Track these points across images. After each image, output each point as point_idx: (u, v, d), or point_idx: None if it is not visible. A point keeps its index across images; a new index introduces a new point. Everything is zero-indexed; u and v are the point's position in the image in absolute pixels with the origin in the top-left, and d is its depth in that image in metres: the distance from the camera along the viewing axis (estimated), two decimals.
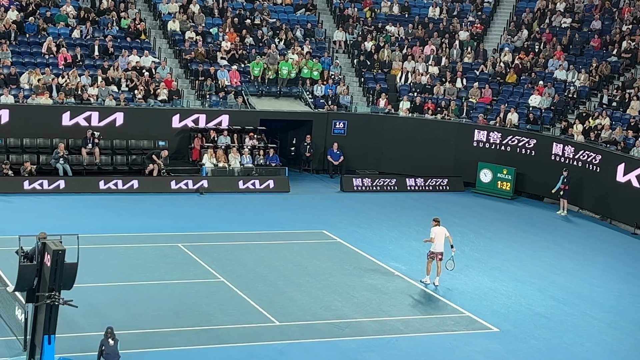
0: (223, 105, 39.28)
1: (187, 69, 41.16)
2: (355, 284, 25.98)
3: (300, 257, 28.27)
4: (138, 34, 41.60)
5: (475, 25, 46.45)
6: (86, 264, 19.40)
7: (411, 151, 40.41)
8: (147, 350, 20.39)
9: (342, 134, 40.55)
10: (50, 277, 17.66)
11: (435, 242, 26.18)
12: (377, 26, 46.07)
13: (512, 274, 28.14)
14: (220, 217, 32.62)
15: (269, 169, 38.06)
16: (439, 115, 40.97)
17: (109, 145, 36.84)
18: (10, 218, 30.05)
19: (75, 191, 34.20)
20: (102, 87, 37.82)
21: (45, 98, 36.64)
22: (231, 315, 22.94)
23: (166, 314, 22.60)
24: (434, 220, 26.61)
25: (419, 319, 23.72)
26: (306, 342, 21.62)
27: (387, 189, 38.61)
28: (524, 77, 42.56)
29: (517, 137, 38.72)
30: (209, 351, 20.68)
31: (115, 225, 30.27)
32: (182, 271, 26.09)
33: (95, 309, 22.20)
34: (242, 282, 25.36)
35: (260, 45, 43.04)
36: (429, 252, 26.35)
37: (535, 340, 22.87)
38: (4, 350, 19.68)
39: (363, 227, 32.35)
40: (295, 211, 34.12)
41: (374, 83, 43.02)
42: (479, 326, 23.51)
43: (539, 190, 38.59)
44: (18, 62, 38.27)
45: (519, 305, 25.38)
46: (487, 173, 38.88)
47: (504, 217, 35.54)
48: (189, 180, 35.93)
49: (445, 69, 43.54)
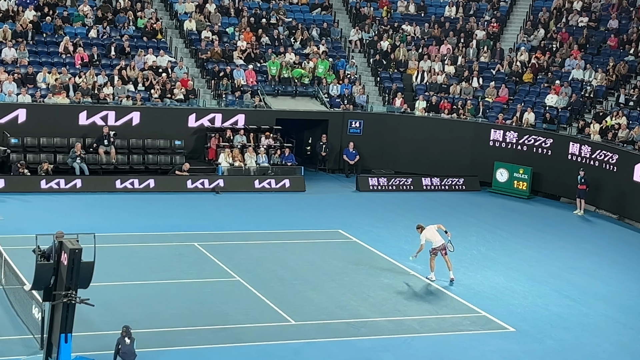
0: (239, 104, 39.33)
1: (203, 68, 41.23)
2: (371, 284, 25.96)
3: (316, 256, 28.26)
4: (154, 33, 41.70)
5: (491, 25, 46.34)
6: (103, 263, 19.44)
7: (427, 151, 40.35)
8: (164, 349, 20.42)
9: (358, 134, 40.53)
10: (67, 275, 17.71)
11: (432, 240, 26.27)
12: (393, 25, 46.03)
13: (529, 274, 28.06)
14: (236, 216, 32.66)
15: (285, 168, 38.08)
16: (455, 114, 40.90)
17: (125, 144, 36.95)
18: (27, 217, 30.16)
19: (92, 190, 34.31)
20: (118, 87, 37.93)
21: (62, 97, 36.77)
22: (247, 314, 22.96)
23: (182, 313, 22.64)
24: (417, 228, 26.63)
25: (434, 319, 23.68)
26: (322, 341, 21.61)
27: (403, 189, 38.57)
28: (540, 76, 42.44)
29: (533, 136, 38.61)
30: (225, 350, 20.70)
31: (131, 224, 30.34)
32: (198, 270, 26.14)
33: (112, 307, 22.26)
34: (258, 281, 25.37)
35: (276, 44, 43.07)
36: (431, 249, 26.38)
37: (551, 340, 22.79)
38: (21, 349, 19.76)
39: (379, 226, 32.33)
40: (311, 210, 34.12)
41: (390, 82, 42.99)
42: (495, 326, 23.45)
43: (555, 190, 38.48)
44: (35, 61, 38.43)
45: (535, 305, 25.30)
46: (503, 173, 38.79)
47: (521, 216, 35.44)
48: (205, 179, 35.99)
49: (461, 68, 43.46)
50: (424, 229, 26.54)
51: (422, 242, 26.34)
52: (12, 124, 35.64)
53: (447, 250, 26.41)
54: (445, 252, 26.37)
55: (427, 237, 26.36)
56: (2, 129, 35.42)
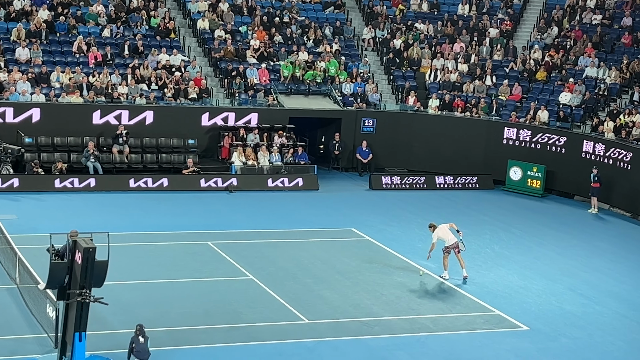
0: (252, 103, 39.37)
1: (217, 67, 41.27)
2: (384, 282, 25.95)
3: (329, 255, 28.27)
4: (168, 32, 41.77)
5: (505, 23, 46.24)
6: (116, 262, 19.49)
7: (440, 149, 40.30)
8: (177, 347, 20.46)
9: (371, 132, 40.51)
10: (81, 274, 17.75)
11: (444, 238, 26.26)
12: (406, 24, 45.98)
13: (543, 272, 28.00)
14: (249, 215, 32.68)
15: (298, 167, 38.09)
16: (469, 113, 40.83)
17: (139, 143, 37.02)
18: (41, 216, 30.26)
19: (106, 189, 34.41)
20: (132, 86, 38.02)
21: (75, 97, 36.87)
22: (260, 313, 22.98)
23: (196, 312, 22.67)
24: (430, 227, 26.62)
25: (448, 317, 23.65)
26: (335, 340, 21.61)
27: (416, 187, 38.54)
28: (554, 74, 42.33)
29: (547, 134, 38.52)
30: (239, 349, 20.72)
31: (145, 223, 30.41)
32: (212, 269, 26.17)
33: (126, 306, 22.31)
34: (272, 279, 25.39)
35: (289, 43, 43.08)
36: (444, 248, 26.37)
37: (565, 338, 22.74)
38: (35, 347, 19.83)
39: (392, 225, 32.31)
40: (324, 209, 34.12)
41: (403, 81, 42.95)
42: (508, 324, 23.41)
43: (569, 188, 38.38)
44: (49, 61, 38.55)
45: (549, 303, 25.24)
46: (517, 171, 38.72)
47: (534, 215, 35.36)
48: (218, 178, 36.03)
49: (474, 66, 43.38)
50: (436, 227, 26.52)
51: (434, 240, 26.32)
52: (26, 124, 35.76)
53: (459, 249, 26.38)
54: (458, 251, 26.36)
55: (439, 235, 26.34)
56: (16, 129, 35.53)
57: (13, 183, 33.41)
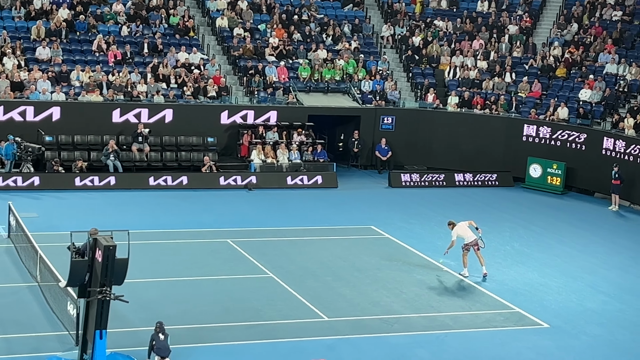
0: (271, 101, 39.40)
1: (236, 65, 41.33)
2: (404, 280, 25.92)
3: (348, 252, 28.26)
4: (187, 31, 41.86)
5: (524, 19, 46.10)
6: (136, 260, 19.55)
7: (460, 146, 40.23)
8: (197, 345, 20.50)
9: (390, 130, 40.49)
10: (102, 272, 17.82)
11: (464, 236, 26.21)
12: (426, 21, 45.91)
13: (563, 270, 27.90)
14: (268, 212, 32.72)
15: (317, 164, 38.10)
16: (488, 110, 40.73)
17: (158, 141, 37.12)
18: (62, 214, 30.40)
19: (126, 187, 34.52)
20: (151, 84, 38.12)
21: (95, 95, 37.00)
22: (280, 310, 23.00)
23: (216, 309, 22.72)
24: (449, 224, 26.56)
25: (468, 315, 23.60)
26: (355, 337, 21.60)
27: (435, 185, 38.48)
28: (574, 71, 42.17)
29: (567, 131, 38.38)
30: (258, 346, 20.74)
31: (165, 221, 30.49)
32: (231, 267, 26.22)
33: (146, 304, 22.38)
34: (291, 277, 25.41)
35: (308, 41, 43.09)
36: (464, 245, 26.31)
37: (586, 336, 22.65)
38: (56, 345, 19.92)
39: (411, 222, 32.28)
40: (344, 207, 34.12)
41: (422, 78, 42.88)
42: (529, 322, 23.34)
43: (589, 185, 38.22)
44: (69, 59, 38.71)
45: (569, 301, 25.16)
46: (536, 168, 38.60)
47: (554, 212, 35.24)
48: (237, 176, 36.09)
49: (494, 63, 43.27)
50: (455, 225, 26.47)
51: (453, 238, 26.28)
52: (46, 122, 35.92)
53: (479, 246, 26.32)
54: (477, 248, 26.30)
55: (458, 233, 26.29)
56: (37, 127, 35.70)
57: (34, 181, 33.58)
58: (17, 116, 35.67)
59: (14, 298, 22.62)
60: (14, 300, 22.45)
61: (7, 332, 20.48)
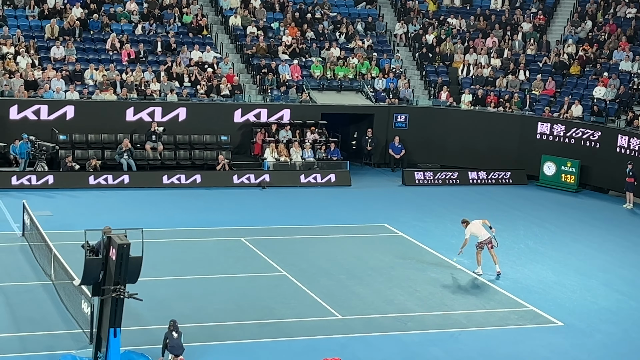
0: (284, 99, 39.42)
1: (249, 63, 41.36)
2: (417, 278, 25.90)
3: (362, 250, 28.25)
4: (200, 29, 41.91)
5: (538, 17, 45.98)
6: (150, 258, 19.58)
7: (473, 144, 40.17)
8: (211, 343, 20.52)
9: (404, 128, 40.45)
10: (116, 270, 17.85)
11: (477, 234, 26.16)
12: (439, 19, 45.84)
13: (577, 268, 27.82)
14: (282, 211, 32.73)
15: (331, 163, 38.09)
16: (502, 108, 40.65)
17: (172, 140, 37.18)
18: (76, 213, 30.49)
19: (139, 186, 34.59)
20: (164, 83, 38.18)
21: (109, 94, 37.08)
22: (294, 308, 23.00)
23: (229, 308, 22.74)
24: (462, 223, 26.51)
25: (482, 313, 23.56)
26: (369, 335, 21.58)
27: (449, 183, 38.43)
28: (588, 68, 42.04)
29: (581, 129, 38.27)
30: (272, 344, 20.75)
31: (178, 220, 30.54)
32: (245, 265, 26.24)
33: (160, 302, 22.41)
34: (305, 275, 25.41)
35: (321, 39, 43.09)
36: (477, 243, 26.26)
37: (600, 334, 22.58)
38: (71, 343, 19.97)
39: (425, 220, 32.24)
40: (357, 205, 34.10)
41: (435, 76, 42.83)
42: (543, 320, 23.28)
43: (603, 183, 38.11)
44: (83, 58, 38.82)
45: (584, 299, 25.08)
46: (550, 166, 38.50)
47: (568, 210, 35.15)
48: (251, 174, 36.12)
49: (507, 61, 43.18)
50: (469, 223, 26.42)
51: (467, 236, 26.24)
52: (60, 121, 36.02)
53: (492, 244, 26.27)
54: (491, 246, 26.24)
55: (472, 231, 26.24)
56: (50, 126, 35.80)
57: (48, 180, 33.68)
58: (31, 115, 35.79)
59: (28, 296, 22.69)
60: (28, 299, 22.53)
61: (21, 331, 20.56)
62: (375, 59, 42.56)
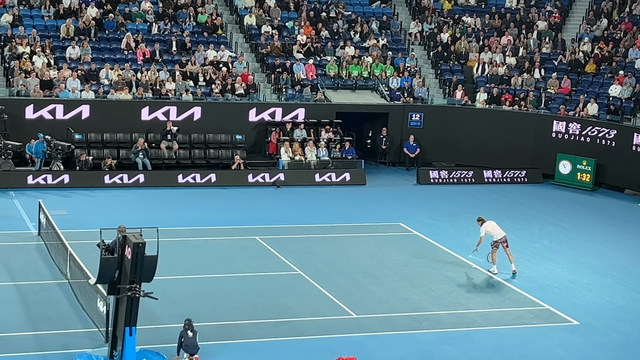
0: (299, 98, 39.43)
1: (263, 63, 41.38)
2: (432, 277, 25.87)
3: (377, 249, 28.23)
4: (215, 28, 41.96)
5: (553, 15, 45.85)
6: (166, 257, 19.63)
7: (488, 143, 40.08)
8: (226, 342, 20.55)
9: (419, 127, 40.40)
10: (131, 269, 17.89)
11: (492, 233, 26.10)
12: (454, 17, 45.77)
13: (593, 267, 27.73)
14: (296, 210, 32.75)
15: (345, 161, 38.09)
16: (517, 106, 40.56)
17: (187, 139, 37.25)
18: (91, 212, 30.57)
19: (155, 185, 34.67)
20: (179, 82, 38.24)
21: (124, 93, 37.18)
22: (308, 307, 23.01)
23: (244, 306, 22.76)
24: (478, 221, 26.42)
25: (497, 312, 23.51)
26: (384, 334, 21.57)
27: (464, 182, 38.37)
28: (603, 66, 41.89)
29: (596, 127, 38.14)
30: (287, 343, 20.76)
31: (193, 219, 30.59)
32: (260, 264, 26.26)
33: (175, 301, 22.46)
34: (319, 274, 25.41)
35: (336, 38, 43.08)
36: (493, 242, 26.18)
37: (616, 333, 22.50)
38: (86, 342, 20.03)
39: (440, 219, 32.20)
40: (372, 204, 34.09)
41: (450, 75, 42.76)
42: (558, 319, 23.22)
43: (619, 182, 37.97)
44: (98, 58, 38.92)
45: (599, 298, 25.00)
46: (566, 164, 38.39)
47: (584, 209, 35.04)
48: (265, 173, 36.14)
49: (522, 59, 43.07)
50: (484, 221, 26.37)
51: (482, 234, 26.20)
52: (76, 120, 36.14)
53: (508, 243, 26.20)
54: (506, 245, 26.19)
55: (487, 229, 26.19)
56: (66, 125, 35.92)
57: (63, 179, 33.79)
58: (47, 114, 35.91)
59: (44, 295, 22.78)
60: (44, 298, 22.61)
61: (37, 329, 20.64)
62: (390, 57, 42.51)
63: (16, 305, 22.01)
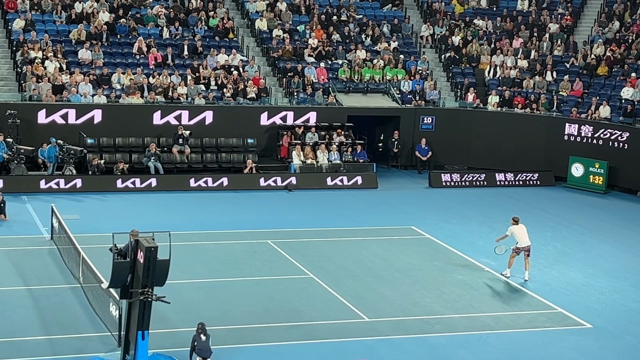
0: (310, 102, 39.44)
1: (275, 66, 41.41)
2: (445, 280, 25.83)
3: (389, 253, 28.21)
4: (226, 32, 42.02)
5: (565, 18, 45.77)
6: (178, 261, 19.64)
7: (500, 146, 40.02)
8: (238, 345, 20.56)
9: (430, 130, 40.37)
10: (143, 273, 17.91)
11: (519, 238, 25.94)
12: (465, 20, 45.72)
13: (606, 269, 27.65)
14: (308, 213, 32.75)
15: (357, 165, 38.07)
16: (529, 109, 40.49)
17: (198, 143, 37.30)
18: (103, 216, 30.63)
19: (167, 189, 34.72)
20: (191, 86, 38.30)
21: (136, 98, 37.26)
22: (321, 311, 23.00)
23: (256, 310, 22.76)
24: (513, 220, 26.30)
25: (510, 315, 23.46)
26: (396, 338, 21.55)
27: (476, 184, 38.30)
28: (615, 69, 41.79)
29: (609, 130, 38.04)
30: (299, 347, 20.76)
31: (205, 222, 30.62)
32: (272, 267, 26.26)
33: (187, 305, 22.48)
34: (331, 278, 25.40)
35: (347, 41, 43.08)
36: (515, 247, 26.07)
37: (630, 336, 22.42)
38: (99, 346, 20.06)
39: (452, 222, 32.15)
40: (384, 207, 34.06)
41: (462, 77, 42.71)
42: (571, 322, 23.15)
43: (632, 184, 37.86)
44: (110, 62, 39.00)
45: (612, 301, 24.92)
46: (578, 167, 38.29)
47: (597, 211, 34.95)
48: (277, 177, 36.16)
49: (534, 62, 43.00)
50: (517, 224, 26.07)
51: (508, 233, 26.01)
52: (88, 125, 36.23)
53: (529, 253, 26.01)
54: (528, 255, 25.98)
55: (514, 232, 25.97)
56: (78, 130, 36.01)
57: (76, 184, 33.86)
58: (59, 119, 36.01)
59: (57, 299, 22.83)
60: (57, 302, 22.66)
61: (50, 333, 20.68)
62: (402, 60, 42.49)
63: (29, 310, 22.07)
